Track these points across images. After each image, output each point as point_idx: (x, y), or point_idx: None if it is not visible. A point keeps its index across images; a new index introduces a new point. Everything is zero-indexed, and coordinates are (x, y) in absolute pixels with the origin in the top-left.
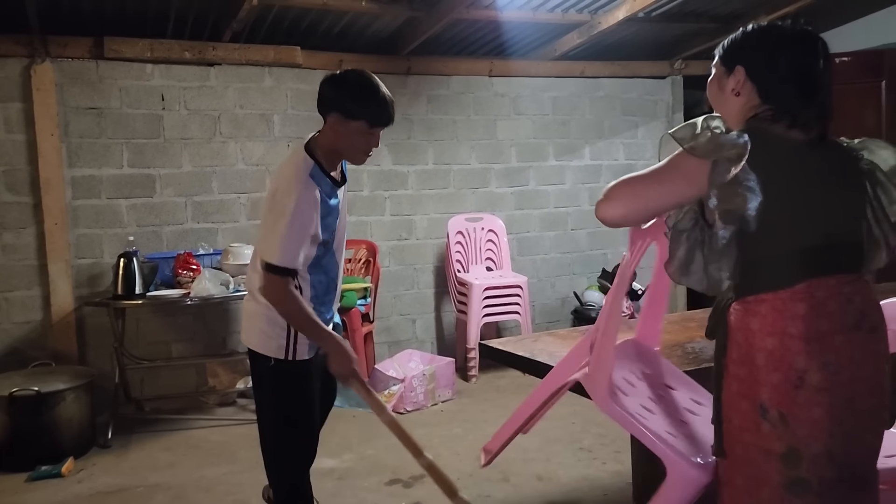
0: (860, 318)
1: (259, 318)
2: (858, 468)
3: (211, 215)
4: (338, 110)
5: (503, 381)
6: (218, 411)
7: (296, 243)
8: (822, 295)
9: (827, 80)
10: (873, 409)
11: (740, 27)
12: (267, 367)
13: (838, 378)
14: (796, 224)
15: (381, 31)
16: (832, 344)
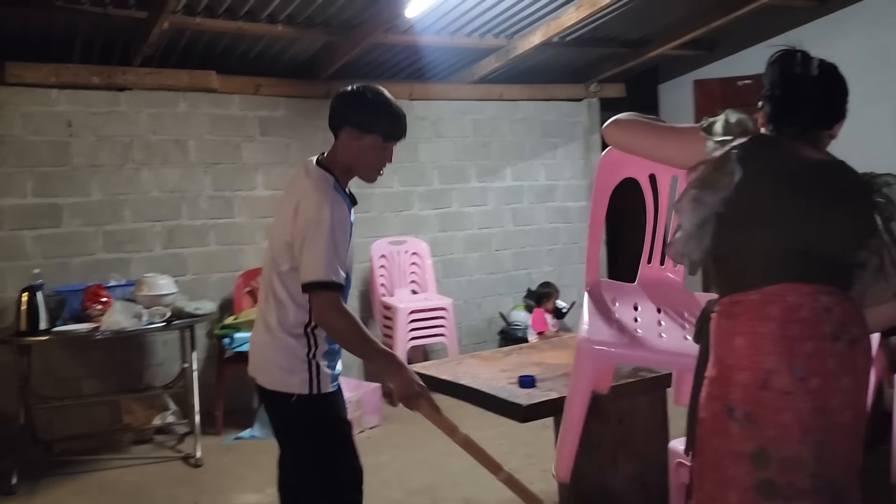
0: (839, 329)
1: (274, 351)
2: (836, 482)
3: (123, 245)
4: (351, 125)
5: None
6: (134, 450)
7: (337, 257)
8: (795, 300)
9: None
10: (850, 422)
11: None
12: (289, 406)
13: (806, 385)
14: (773, 228)
15: (298, 55)
16: (801, 350)
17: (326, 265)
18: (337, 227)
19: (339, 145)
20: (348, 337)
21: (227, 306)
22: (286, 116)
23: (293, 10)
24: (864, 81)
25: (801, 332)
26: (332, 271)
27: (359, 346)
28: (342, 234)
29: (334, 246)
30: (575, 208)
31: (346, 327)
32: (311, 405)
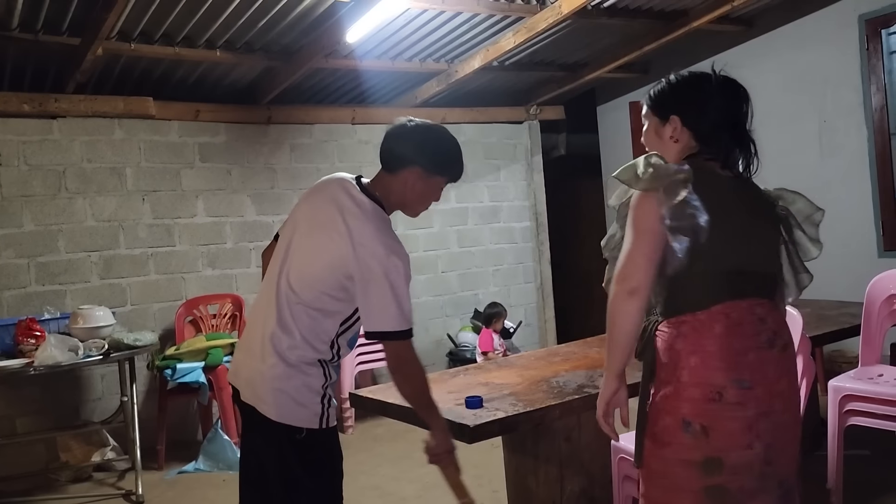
0: (773, 336)
1: (289, 383)
2: (786, 480)
3: (57, 276)
4: (421, 166)
5: (380, 429)
6: (71, 489)
7: (409, 301)
8: (737, 316)
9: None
10: (790, 423)
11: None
12: (294, 440)
13: (753, 393)
14: (719, 249)
15: (238, 80)
16: (746, 361)
17: (406, 312)
18: (405, 272)
19: (397, 182)
20: (418, 389)
21: (169, 336)
22: (227, 142)
23: (231, 36)
24: (791, 100)
25: (743, 345)
26: (409, 319)
27: (423, 398)
28: (408, 276)
29: (406, 293)
30: (519, 228)
31: (421, 379)
32: (322, 439)
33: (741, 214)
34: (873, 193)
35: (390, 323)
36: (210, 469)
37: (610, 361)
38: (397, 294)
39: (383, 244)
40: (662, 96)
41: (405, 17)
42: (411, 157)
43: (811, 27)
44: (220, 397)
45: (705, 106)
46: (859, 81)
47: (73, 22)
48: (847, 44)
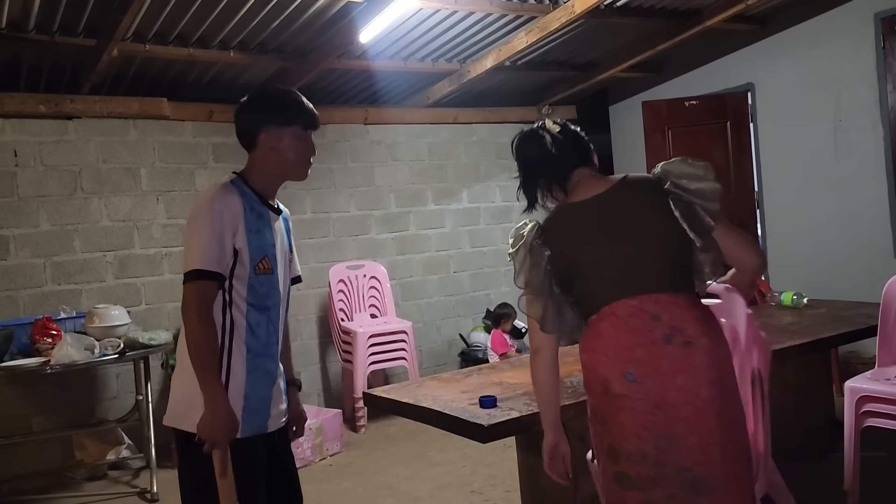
0: (671, 333)
1: (182, 384)
2: (691, 470)
3: (73, 276)
4: (269, 122)
5: (393, 428)
6: (87, 487)
7: (214, 246)
8: (625, 313)
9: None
10: (691, 416)
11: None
12: (190, 446)
13: (641, 386)
14: (589, 262)
15: (252, 81)
16: (633, 356)
17: (199, 253)
18: (218, 216)
19: (258, 154)
20: (191, 342)
21: None
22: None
23: (245, 37)
24: (805, 99)
25: (631, 341)
26: (204, 259)
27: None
28: (226, 222)
29: (212, 233)
30: None
31: (199, 329)
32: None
33: (610, 225)
34: (889, 192)
35: (184, 263)
36: None
37: (542, 415)
38: (193, 235)
39: (201, 196)
40: None
41: (417, 18)
42: (258, 121)
43: (826, 26)
44: None
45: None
46: (875, 80)
47: (88, 23)
48: (862, 42)
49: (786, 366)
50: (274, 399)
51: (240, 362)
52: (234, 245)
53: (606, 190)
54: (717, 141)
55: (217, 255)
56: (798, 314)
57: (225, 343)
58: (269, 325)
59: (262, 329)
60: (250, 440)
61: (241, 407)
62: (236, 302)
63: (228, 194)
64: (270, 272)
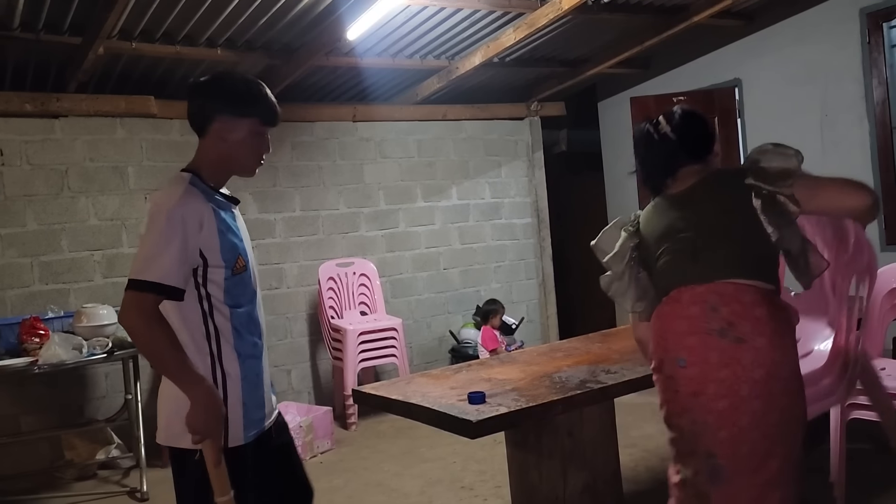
0: (726, 326)
1: (169, 400)
2: (715, 458)
3: (61, 275)
4: (225, 111)
5: (383, 425)
6: (77, 486)
7: (168, 254)
8: (687, 300)
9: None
10: (726, 411)
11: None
12: (190, 463)
13: (685, 372)
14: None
15: None
16: (684, 343)
17: (145, 262)
18: (177, 221)
19: (208, 142)
20: (149, 349)
21: None
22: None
23: (232, 34)
24: (792, 94)
25: (686, 328)
26: (152, 270)
27: (162, 359)
28: (188, 228)
29: (166, 241)
30: (520, 225)
31: (143, 335)
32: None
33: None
34: (875, 187)
35: (132, 269)
36: None
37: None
38: (148, 242)
39: (157, 198)
40: None
41: (405, 14)
42: (213, 106)
43: (812, 21)
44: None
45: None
46: (861, 75)
47: (74, 21)
48: (848, 37)
49: None
50: (266, 394)
51: (233, 369)
52: (200, 252)
53: (689, 186)
54: None
55: (175, 268)
56: None
57: (213, 352)
58: (251, 323)
59: (246, 329)
60: (251, 444)
61: (240, 415)
62: (217, 308)
63: (191, 199)
64: (244, 269)
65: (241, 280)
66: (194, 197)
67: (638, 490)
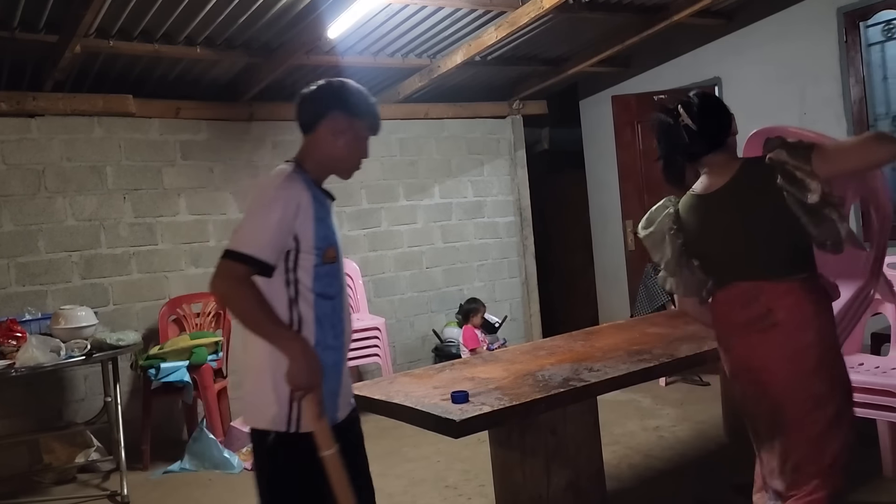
0: (765, 313)
1: (249, 383)
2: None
3: (38, 277)
4: (342, 109)
5: (366, 425)
6: (55, 490)
7: (264, 231)
8: (734, 293)
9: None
10: (767, 381)
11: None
12: (265, 445)
13: (736, 352)
14: (709, 251)
15: (219, 77)
16: (734, 329)
17: (245, 236)
18: (280, 204)
19: (315, 140)
20: (242, 311)
21: (152, 336)
22: (208, 140)
23: (212, 33)
24: (771, 93)
25: (737, 315)
26: (250, 244)
27: (255, 320)
28: (288, 211)
29: (268, 220)
30: (503, 223)
31: (236, 301)
32: (287, 447)
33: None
34: None
35: (232, 240)
36: (196, 468)
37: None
38: (251, 218)
39: (263, 182)
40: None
41: (386, 13)
42: (329, 103)
43: (790, 20)
44: (204, 396)
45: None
46: (838, 73)
47: (50, 19)
48: (826, 36)
49: None
50: (343, 388)
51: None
52: (295, 235)
53: (725, 184)
54: None
55: (269, 244)
56: None
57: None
58: (335, 315)
59: (329, 321)
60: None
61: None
62: (303, 294)
63: (294, 183)
64: (335, 261)
65: (329, 271)
66: (296, 182)
67: (621, 487)
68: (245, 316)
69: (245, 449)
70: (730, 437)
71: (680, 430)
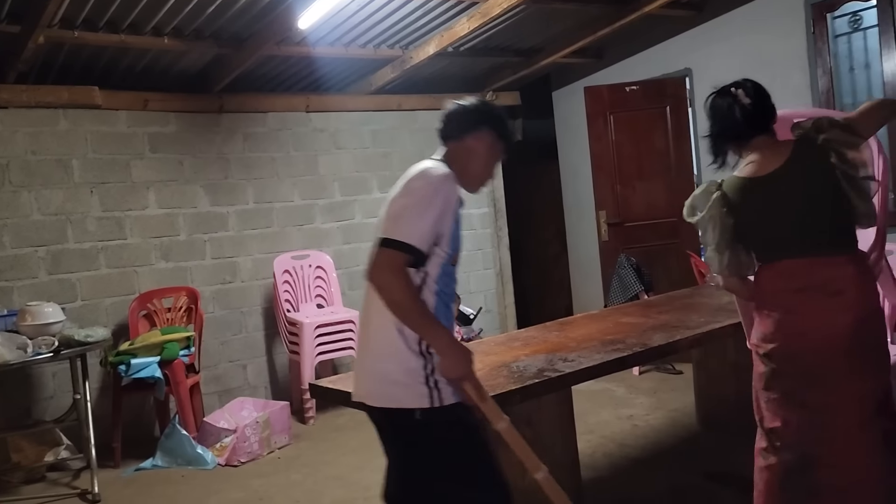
0: (824, 283)
1: (387, 364)
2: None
3: (3, 273)
4: (489, 127)
5: (342, 419)
6: (25, 490)
7: (424, 221)
8: (790, 267)
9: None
10: (825, 347)
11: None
12: (412, 423)
13: (791, 317)
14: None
15: (188, 68)
16: (794, 298)
17: (409, 228)
18: (441, 200)
19: (457, 149)
20: (400, 304)
21: (122, 332)
22: (178, 132)
23: (180, 23)
24: None
25: (795, 286)
26: (413, 235)
27: (412, 316)
28: (445, 209)
29: (428, 215)
30: (477, 215)
31: (398, 291)
32: (436, 421)
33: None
34: None
35: (391, 229)
36: (168, 465)
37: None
38: (414, 208)
39: (426, 173)
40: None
41: (358, 3)
42: (481, 119)
43: (760, 12)
44: (176, 392)
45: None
46: (806, 64)
47: (12, 9)
48: (794, 28)
49: (725, 344)
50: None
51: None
52: (440, 232)
53: (781, 166)
54: (657, 125)
55: (427, 236)
56: None
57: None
58: (448, 312)
59: (443, 315)
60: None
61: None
62: (428, 285)
63: (453, 183)
64: (456, 264)
65: (451, 272)
66: (453, 183)
67: (596, 476)
68: (401, 306)
69: (218, 444)
70: (702, 425)
71: (653, 418)
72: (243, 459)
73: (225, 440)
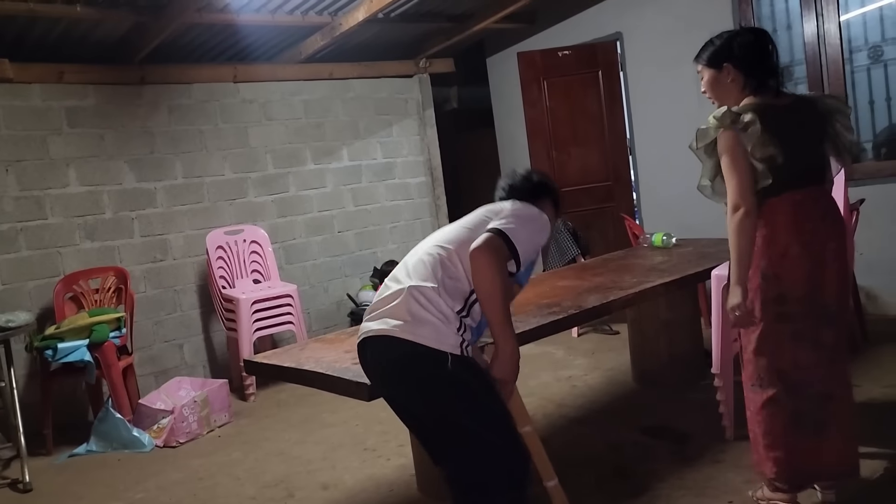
0: (825, 212)
1: (435, 309)
2: (828, 307)
3: None
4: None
5: (283, 394)
6: None
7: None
8: (799, 198)
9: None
10: (836, 270)
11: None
12: (443, 367)
13: (811, 249)
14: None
15: (105, 38)
16: (806, 228)
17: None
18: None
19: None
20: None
21: (48, 315)
22: (97, 105)
23: None
24: (670, 45)
25: (804, 217)
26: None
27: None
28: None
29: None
30: (414, 184)
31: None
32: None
33: (794, 129)
34: None
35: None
36: (103, 450)
37: (738, 273)
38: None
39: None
40: (715, 52)
41: None
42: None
43: None
44: (108, 375)
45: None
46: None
47: None
48: None
49: (657, 303)
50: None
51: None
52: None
53: (792, 102)
54: (590, 90)
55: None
56: (668, 253)
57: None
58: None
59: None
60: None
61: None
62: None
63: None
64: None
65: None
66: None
67: None
68: (493, 292)
69: (155, 426)
70: (638, 382)
71: (591, 378)
72: (182, 440)
73: (162, 421)
